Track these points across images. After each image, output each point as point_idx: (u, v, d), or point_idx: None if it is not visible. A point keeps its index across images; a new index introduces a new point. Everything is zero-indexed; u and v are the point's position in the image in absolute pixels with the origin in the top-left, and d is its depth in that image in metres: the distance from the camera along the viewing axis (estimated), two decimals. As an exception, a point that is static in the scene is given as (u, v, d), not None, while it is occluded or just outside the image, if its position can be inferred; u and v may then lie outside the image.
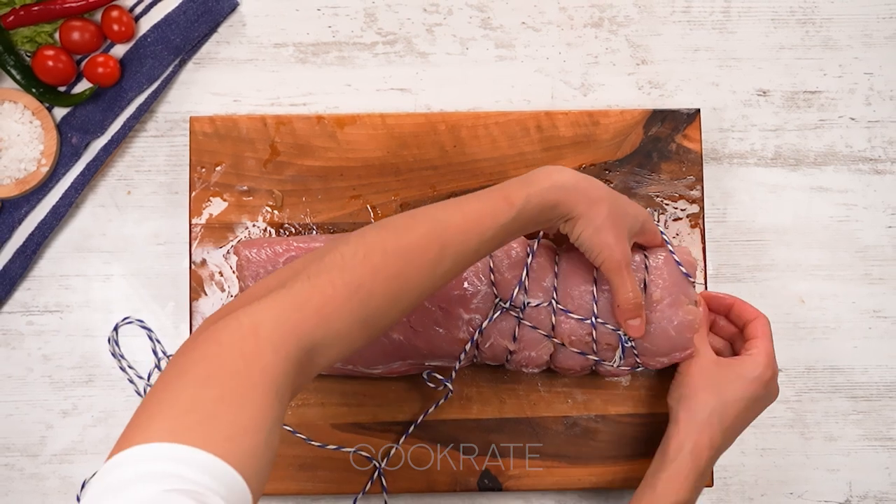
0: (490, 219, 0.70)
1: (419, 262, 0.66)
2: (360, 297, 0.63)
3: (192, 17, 0.90)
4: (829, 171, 0.92)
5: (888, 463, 0.91)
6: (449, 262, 0.68)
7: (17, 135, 0.88)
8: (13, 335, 0.89)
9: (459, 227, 0.69)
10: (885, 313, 0.92)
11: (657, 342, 0.81)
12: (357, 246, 0.65)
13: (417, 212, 0.70)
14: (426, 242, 0.67)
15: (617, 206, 0.76)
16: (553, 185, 0.73)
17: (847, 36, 0.93)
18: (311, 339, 0.60)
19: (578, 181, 0.74)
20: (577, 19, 0.93)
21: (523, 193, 0.71)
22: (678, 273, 0.81)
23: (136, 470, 0.50)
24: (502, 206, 0.71)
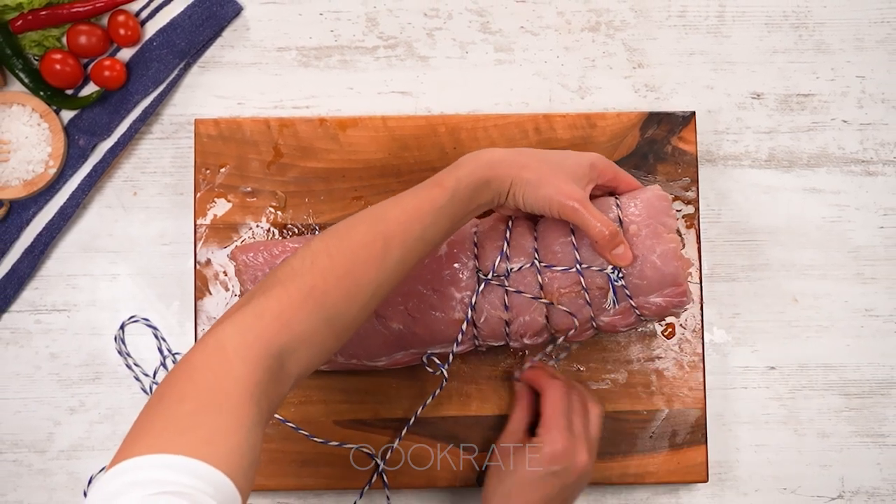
0: (427, 204, 0.72)
1: (366, 257, 0.69)
2: (314, 298, 0.66)
3: (196, 22, 0.91)
4: (822, 173, 0.93)
5: (879, 459, 0.92)
6: (397, 252, 0.70)
7: (26, 137, 0.89)
8: (21, 334, 0.90)
9: (398, 218, 0.71)
10: (876, 312, 0.93)
11: (646, 276, 0.79)
12: (304, 255, 0.68)
13: (358, 213, 0.73)
14: (369, 238, 0.70)
15: (550, 161, 0.78)
16: (480, 164, 0.75)
17: (839, 40, 0.94)
18: (278, 345, 0.63)
19: (506, 155, 0.77)
20: (574, 24, 0.94)
21: (453, 176, 0.74)
22: (652, 204, 0.80)
23: (121, 481, 0.52)
24: (436, 191, 0.73)
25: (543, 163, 0.77)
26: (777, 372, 0.92)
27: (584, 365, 0.89)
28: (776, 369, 0.92)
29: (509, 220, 0.82)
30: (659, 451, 0.88)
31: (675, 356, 0.89)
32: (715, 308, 0.92)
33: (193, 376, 0.60)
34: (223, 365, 0.60)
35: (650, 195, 0.81)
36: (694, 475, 0.88)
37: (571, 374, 0.88)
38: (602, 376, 0.89)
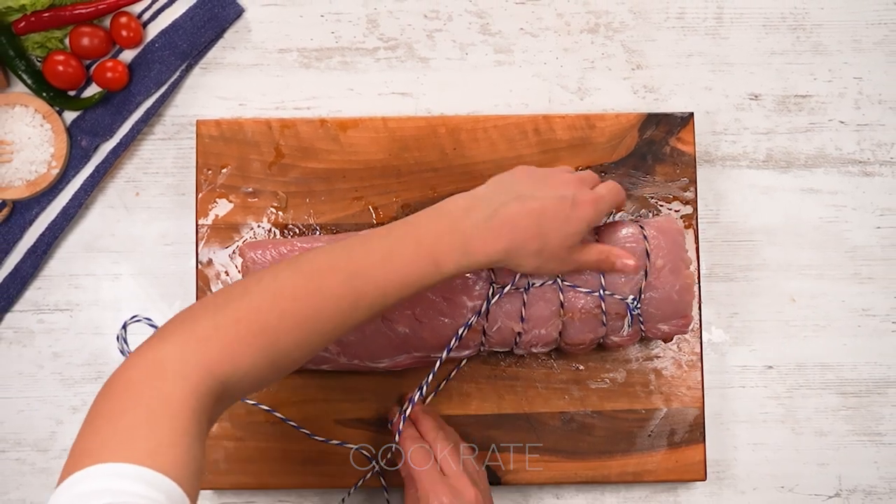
0: (415, 279, 0.68)
1: (332, 310, 0.65)
2: (265, 340, 0.63)
3: (198, 24, 0.91)
4: (820, 173, 0.94)
5: (876, 457, 0.92)
6: (364, 312, 0.67)
7: (28, 138, 0.89)
8: (24, 333, 0.90)
9: (379, 282, 0.67)
10: (873, 312, 0.93)
11: (662, 307, 0.82)
12: (267, 288, 0.65)
13: (339, 255, 0.68)
14: (341, 292, 0.66)
15: (553, 247, 0.73)
16: (485, 262, 0.71)
17: (837, 41, 0.95)
18: (221, 373, 0.61)
19: (514, 248, 0.71)
20: (573, 25, 0.94)
21: (456, 265, 0.69)
22: (674, 239, 0.82)
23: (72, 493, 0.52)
24: (430, 270, 0.69)
25: (547, 247, 0.73)
26: (775, 371, 0.93)
27: (584, 364, 0.89)
28: (774, 368, 0.93)
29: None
30: (657, 450, 0.89)
31: (673, 355, 0.90)
32: (713, 308, 0.93)
33: (131, 391, 0.58)
34: (163, 382, 0.58)
35: (672, 228, 0.83)
36: (692, 474, 0.89)
37: (571, 373, 0.89)
38: (601, 375, 0.89)
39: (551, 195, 0.73)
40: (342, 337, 0.68)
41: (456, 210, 0.71)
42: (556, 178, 0.75)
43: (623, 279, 0.81)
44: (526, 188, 0.74)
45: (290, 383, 0.88)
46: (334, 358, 0.83)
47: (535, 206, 0.72)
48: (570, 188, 0.74)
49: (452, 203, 0.72)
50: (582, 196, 0.74)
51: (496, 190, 0.74)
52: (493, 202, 0.72)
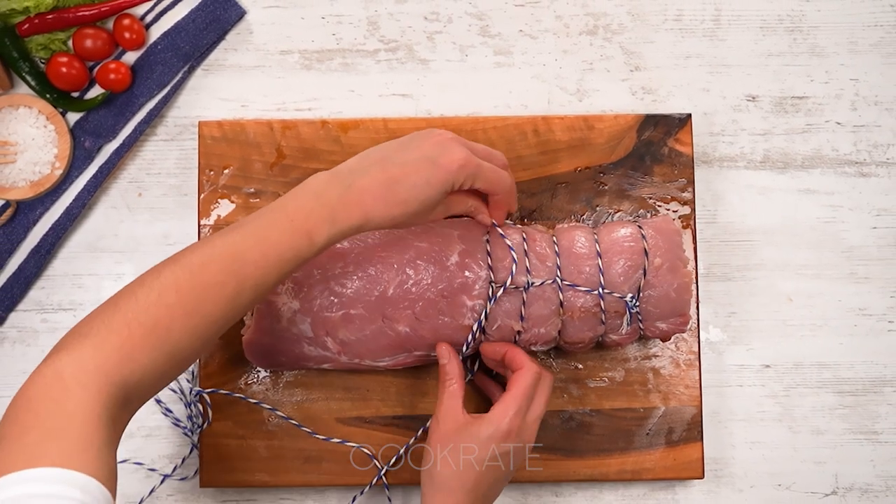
0: (290, 253, 0.70)
1: (216, 297, 0.67)
2: (157, 335, 0.64)
3: (200, 26, 0.92)
4: (816, 174, 0.94)
5: (873, 456, 0.93)
6: (249, 293, 0.68)
7: (32, 139, 0.90)
8: (28, 332, 0.91)
9: (258, 262, 0.68)
10: (869, 311, 0.94)
11: (660, 305, 0.82)
12: (151, 287, 0.66)
13: (216, 243, 0.69)
14: (223, 278, 0.67)
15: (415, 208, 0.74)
16: (352, 226, 0.72)
17: (833, 43, 0.95)
18: (120, 376, 0.61)
19: (377, 213, 0.72)
20: (572, 27, 0.95)
21: (326, 233, 0.71)
22: (671, 239, 0.83)
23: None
24: (304, 242, 0.70)
25: (410, 209, 0.73)
26: (772, 370, 0.93)
27: (583, 363, 0.90)
28: (771, 367, 0.93)
29: (523, 233, 0.83)
30: (656, 448, 0.89)
31: (671, 355, 0.90)
32: (711, 307, 0.93)
33: (32, 407, 0.58)
34: (63, 393, 0.59)
35: (669, 228, 0.84)
36: (690, 471, 0.89)
37: (570, 372, 0.90)
38: (600, 374, 0.90)
39: (414, 157, 0.74)
40: (236, 319, 0.69)
41: (319, 185, 0.73)
42: (429, 140, 0.75)
43: (622, 278, 0.82)
44: (392, 153, 0.75)
45: (291, 382, 0.88)
46: (335, 357, 0.83)
47: (393, 172, 0.73)
48: (437, 149, 0.74)
49: (316, 179, 0.74)
50: (447, 157, 0.74)
51: (360, 160, 0.75)
52: (354, 172, 0.74)
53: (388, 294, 0.81)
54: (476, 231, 0.83)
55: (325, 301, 0.81)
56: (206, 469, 0.88)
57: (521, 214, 0.90)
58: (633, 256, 0.82)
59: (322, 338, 0.82)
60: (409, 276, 0.81)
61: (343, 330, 0.82)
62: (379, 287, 0.81)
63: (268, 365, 0.86)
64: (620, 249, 0.82)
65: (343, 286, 0.81)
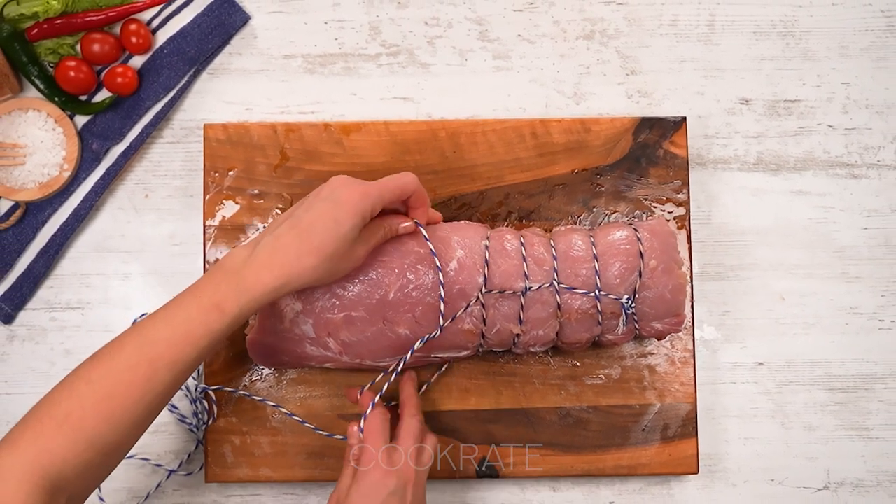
0: (202, 329, 0.69)
1: (130, 380, 0.67)
2: (70, 424, 0.65)
3: (206, 30, 0.93)
4: (808, 176, 0.95)
5: (864, 451, 0.94)
6: (164, 373, 0.68)
7: (41, 141, 0.91)
8: (37, 331, 0.92)
9: (168, 340, 0.68)
10: (860, 310, 0.95)
11: (655, 306, 0.83)
12: (63, 382, 0.68)
13: (126, 332, 0.70)
14: (133, 362, 0.68)
15: (330, 253, 0.73)
16: (265, 292, 0.71)
17: (825, 48, 0.96)
18: (42, 468, 0.64)
19: (288, 272, 0.71)
20: (569, 32, 0.96)
21: (236, 303, 0.70)
22: (666, 241, 0.84)
23: None
24: (213, 316, 0.70)
25: (324, 256, 0.73)
26: (765, 367, 0.94)
27: (580, 361, 0.91)
28: (764, 365, 0.94)
29: (521, 237, 0.84)
30: (651, 444, 0.90)
31: (666, 352, 0.91)
32: (705, 306, 0.94)
33: None
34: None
35: (664, 230, 0.84)
36: (685, 467, 0.90)
37: (567, 369, 0.90)
38: (596, 372, 0.91)
39: (317, 206, 0.74)
40: (162, 400, 0.70)
41: (231, 257, 0.73)
42: (325, 188, 0.75)
43: (618, 280, 0.83)
44: (296, 210, 0.75)
45: (294, 379, 0.90)
46: (337, 357, 0.84)
47: (300, 226, 0.73)
48: (335, 191, 0.74)
49: (229, 254, 0.74)
50: (346, 193, 0.74)
51: (270, 227, 0.75)
52: (262, 239, 0.74)
53: (389, 298, 0.82)
54: (475, 237, 0.83)
55: (327, 303, 0.82)
56: (211, 464, 0.89)
57: (520, 215, 0.91)
58: (628, 259, 0.83)
59: (324, 338, 0.83)
60: (409, 280, 0.82)
61: (344, 331, 0.82)
62: (380, 290, 0.82)
63: (271, 364, 0.87)
64: (616, 252, 0.83)
65: (345, 289, 0.82)
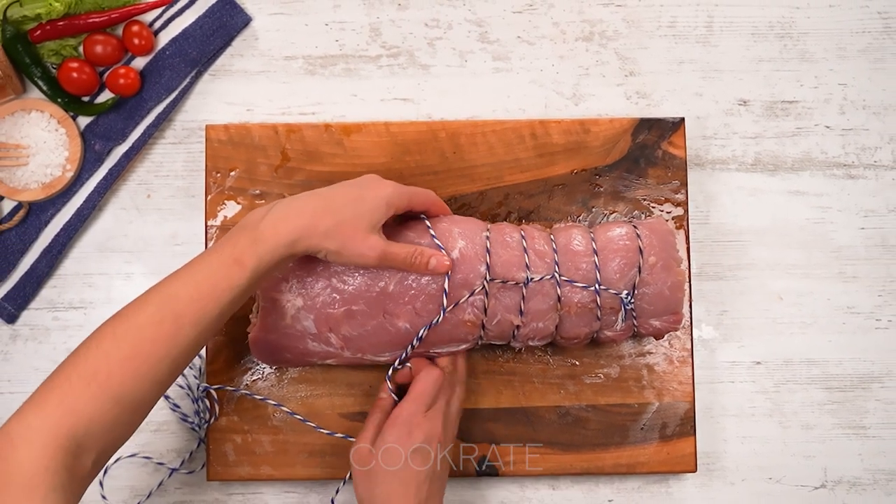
0: (224, 283, 0.71)
1: (154, 336, 0.68)
2: (98, 382, 0.66)
3: (207, 32, 0.94)
4: (806, 176, 0.96)
5: (861, 450, 0.94)
6: (190, 330, 0.69)
7: (44, 142, 0.91)
8: (40, 330, 0.93)
9: (192, 296, 0.70)
10: (857, 309, 0.95)
11: (654, 302, 0.84)
12: (90, 339, 0.68)
13: (149, 290, 0.71)
14: (158, 318, 0.68)
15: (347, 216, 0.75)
16: (281, 242, 0.73)
17: (822, 49, 0.97)
18: (67, 427, 0.64)
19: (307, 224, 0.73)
20: (569, 33, 0.96)
21: (254, 255, 0.72)
22: (665, 239, 0.84)
23: None
24: (234, 270, 0.71)
25: (341, 223, 0.75)
26: (763, 367, 0.95)
27: (579, 360, 0.91)
28: (762, 364, 0.95)
29: (521, 230, 0.84)
30: (650, 443, 0.91)
31: (665, 352, 0.92)
32: (703, 306, 0.95)
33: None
34: (11, 452, 0.62)
35: (663, 228, 0.85)
36: (683, 465, 0.91)
37: (566, 368, 0.91)
38: (595, 371, 0.91)
39: (344, 185, 0.78)
40: (186, 357, 0.70)
41: (250, 216, 0.75)
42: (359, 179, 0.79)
43: (617, 275, 0.83)
44: (322, 190, 0.78)
45: (295, 378, 0.90)
46: (338, 352, 0.84)
47: (325, 192, 0.76)
48: (367, 182, 0.79)
49: (249, 213, 0.76)
50: (375, 181, 0.79)
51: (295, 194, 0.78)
52: (284, 199, 0.77)
53: (389, 290, 0.82)
54: (476, 228, 0.84)
55: (327, 298, 0.82)
56: (212, 463, 0.90)
57: (519, 215, 0.92)
58: (628, 255, 0.83)
59: (325, 333, 0.83)
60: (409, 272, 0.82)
61: (345, 325, 0.83)
62: (380, 283, 0.82)
63: (273, 362, 0.87)
64: (616, 248, 0.84)
65: (345, 283, 0.82)
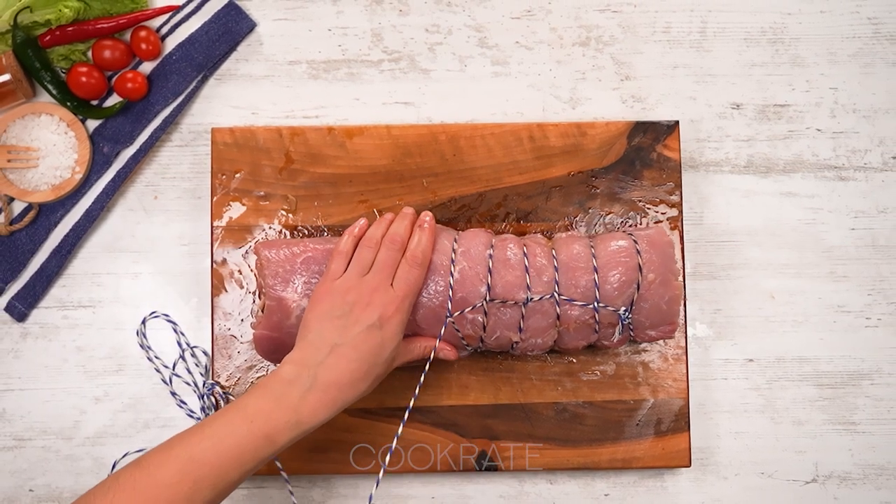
0: (250, 455, 0.70)
1: (171, 496, 0.68)
2: None
3: (213, 37, 0.95)
4: (797, 178, 0.97)
5: (851, 445, 0.95)
6: (206, 492, 0.69)
7: (53, 145, 0.93)
8: (50, 328, 0.94)
9: (213, 463, 0.69)
10: (848, 308, 0.96)
11: (651, 316, 0.85)
12: (108, 488, 0.68)
13: (174, 444, 0.70)
14: (177, 479, 0.68)
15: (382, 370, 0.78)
16: (319, 423, 0.74)
17: (814, 54, 0.98)
18: None
19: (345, 402, 0.75)
20: (566, 39, 0.98)
21: (289, 436, 0.72)
22: (664, 252, 0.85)
23: None
24: (263, 444, 0.71)
25: (376, 378, 0.78)
26: (755, 364, 0.96)
27: (576, 357, 0.92)
28: (754, 361, 0.96)
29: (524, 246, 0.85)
30: (645, 438, 0.92)
31: (660, 349, 0.93)
32: (697, 304, 0.96)
33: None
34: None
35: (662, 241, 0.86)
36: (678, 460, 0.92)
37: (563, 366, 0.92)
38: (591, 368, 0.92)
39: (358, 331, 0.77)
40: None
41: (280, 385, 0.74)
42: (359, 304, 0.78)
43: (616, 293, 0.84)
44: (334, 335, 0.77)
45: (299, 375, 0.92)
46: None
47: (350, 354, 0.76)
48: (373, 311, 0.77)
49: (276, 377, 0.75)
50: (386, 311, 0.78)
51: (311, 350, 0.76)
52: (311, 366, 0.75)
53: None
54: (479, 247, 0.85)
55: None
56: None
57: (517, 216, 0.93)
58: (627, 272, 0.84)
59: (328, 334, 0.85)
60: None
61: (348, 327, 0.84)
62: None
63: (276, 360, 0.88)
64: (616, 264, 0.84)
65: None
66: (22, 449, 0.93)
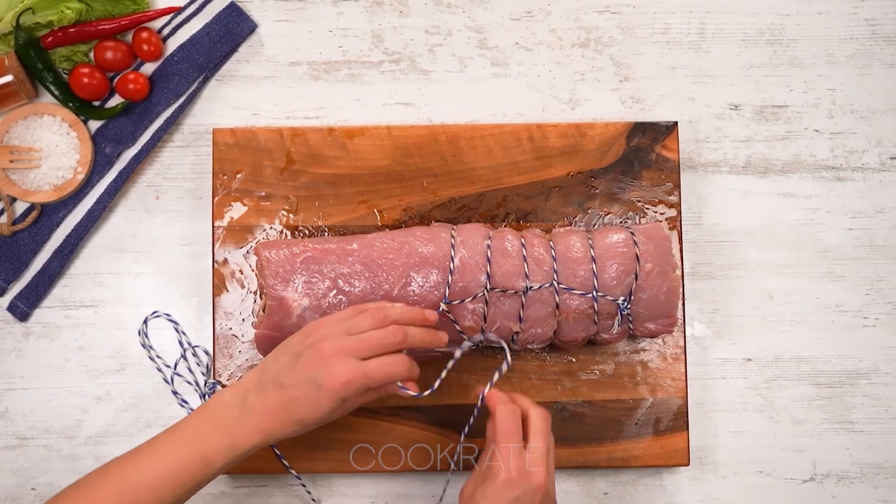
0: (185, 477, 0.71)
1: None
2: None
3: (214, 38, 0.95)
4: (795, 179, 0.98)
5: (848, 444, 0.96)
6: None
7: (56, 145, 0.93)
8: (52, 328, 0.94)
9: (151, 485, 0.70)
10: (845, 308, 0.97)
11: (650, 308, 0.86)
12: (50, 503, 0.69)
13: (112, 466, 0.72)
14: (114, 500, 0.69)
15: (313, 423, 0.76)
16: (254, 445, 0.73)
17: (812, 55, 0.98)
18: None
19: (279, 429, 0.73)
20: (565, 40, 0.98)
21: (224, 458, 0.72)
22: (661, 245, 0.86)
23: None
24: (199, 467, 0.71)
25: (303, 425, 0.75)
26: (753, 363, 0.96)
27: (575, 357, 0.93)
28: (753, 361, 0.96)
29: (521, 238, 0.86)
30: (644, 437, 0.92)
31: (658, 349, 0.93)
32: (696, 304, 0.96)
33: None
34: None
35: (659, 235, 0.86)
36: (676, 459, 0.92)
37: (563, 365, 0.93)
38: (591, 367, 0.93)
39: (301, 380, 0.74)
40: None
41: (219, 406, 0.75)
42: (313, 359, 0.74)
43: (615, 282, 0.85)
44: (283, 374, 0.75)
45: (300, 374, 0.92)
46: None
47: (286, 394, 0.74)
48: (321, 370, 0.73)
49: (216, 398, 0.75)
50: (329, 379, 0.73)
51: (260, 376, 0.76)
52: (249, 390, 0.75)
53: (393, 294, 0.83)
54: (478, 237, 0.85)
55: (333, 299, 0.84)
56: (219, 456, 0.91)
57: (517, 216, 0.93)
58: (625, 262, 0.85)
59: (329, 333, 0.85)
60: (412, 278, 0.84)
61: (349, 327, 0.84)
62: (384, 287, 0.84)
63: None
64: (614, 254, 0.85)
65: (351, 285, 0.84)
66: (24, 448, 0.93)
